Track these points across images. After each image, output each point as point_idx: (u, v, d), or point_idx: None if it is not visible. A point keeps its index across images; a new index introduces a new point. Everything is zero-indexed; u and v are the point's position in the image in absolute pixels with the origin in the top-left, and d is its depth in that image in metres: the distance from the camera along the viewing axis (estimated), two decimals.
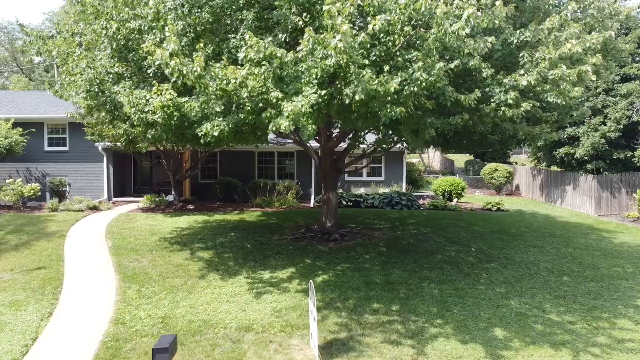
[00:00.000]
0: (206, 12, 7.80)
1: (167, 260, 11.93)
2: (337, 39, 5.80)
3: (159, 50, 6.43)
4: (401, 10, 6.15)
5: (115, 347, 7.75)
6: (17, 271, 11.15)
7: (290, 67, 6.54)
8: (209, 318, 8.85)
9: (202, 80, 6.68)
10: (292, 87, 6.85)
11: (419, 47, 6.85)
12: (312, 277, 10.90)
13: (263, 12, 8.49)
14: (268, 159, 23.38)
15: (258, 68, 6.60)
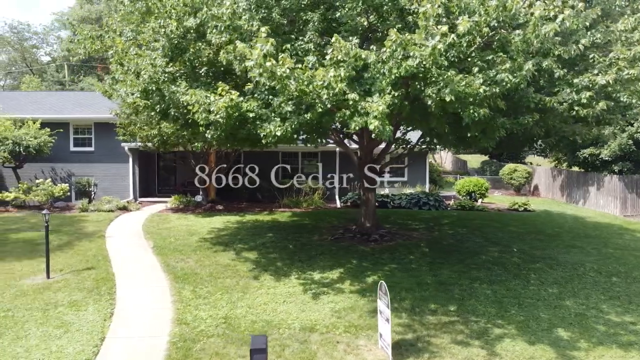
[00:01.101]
0: (276, 12, 7.80)
1: (213, 261, 11.93)
2: (436, 39, 5.79)
3: (255, 52, 6.41)
4: (488, 11, 6.14)
5: (184, 347, 7.73)
6: (67, 271, 11.15)
7: (373, 68, 6.54)
8: (270, 318, 8.84)
9: (285, 81, 6.67)
10: (372, 87, 6.84)
11: (497, 48, 6.84)
12: (361, 278, 10.90)
13: (327, 13, 8.48)
14: (292, 159, 23.39)
15: (341, 69, 6.59)
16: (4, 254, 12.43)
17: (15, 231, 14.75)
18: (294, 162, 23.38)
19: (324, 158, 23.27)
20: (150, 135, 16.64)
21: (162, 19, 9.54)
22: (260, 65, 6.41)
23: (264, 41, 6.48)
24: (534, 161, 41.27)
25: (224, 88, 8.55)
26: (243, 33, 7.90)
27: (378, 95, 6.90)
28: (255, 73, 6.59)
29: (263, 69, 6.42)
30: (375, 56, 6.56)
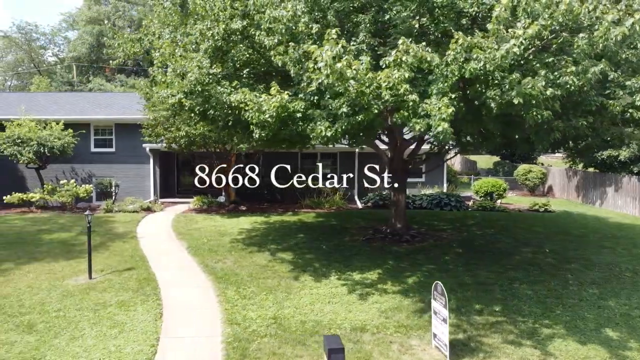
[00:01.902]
0: (331, 15, 7.87)
1: (250, 261, 12.00)
2: (511, 42, 5.86)
3: (325, 54, 6.48)
4: (553, 15, 6.20)
5: (240, 348, 7.79)
6: (108, 272, 11.23)
7: (437, 70, 6.61)
8: (319, 318, 8.90)
9: (348, 82, 6.74)
10: (427, 89, 6.91)
11: (555, 51, 6.91)
12: (401, 278, 10.97)
13: (376, 15, 8.55)
14: (311, 159, 23.45)
15: (404, 71, 6.66)
16: (41, 254, 12.51)
17: (46, 232, 14.83)
18: (312, 163, 23.44)
19: (342, 159, 23.36)
20: (177, 137, 16.71)
21: (208, 21, 9.61)
22: (330, 67, 6.47)
23: (334, 43, 6.55)
24: (545, 162, 41.34)
25: (276, 88, 8.64)
26: (297, 35, 7.97)
27: (436, 97, 6.97)
28: (323, 74, 6.64)
29: (332, 70, 6.48)
30: (439, 58, 6.63)
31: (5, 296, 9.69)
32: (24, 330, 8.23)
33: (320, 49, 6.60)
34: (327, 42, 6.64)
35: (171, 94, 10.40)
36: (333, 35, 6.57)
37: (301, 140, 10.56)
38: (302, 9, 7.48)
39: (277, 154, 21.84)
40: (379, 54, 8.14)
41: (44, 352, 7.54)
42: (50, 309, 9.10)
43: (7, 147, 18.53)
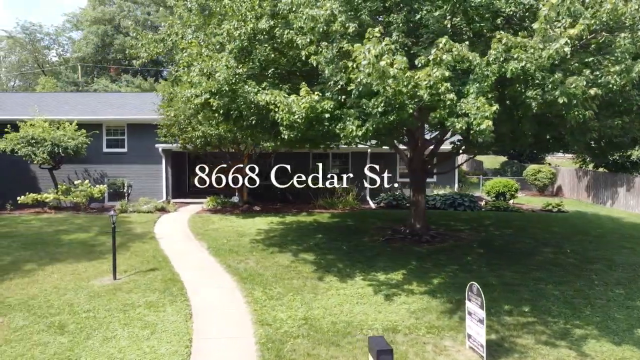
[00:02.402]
0: (365, 14, 7.85)
1: (272, 262, 11.97)
2: (562, 42, 5.83)
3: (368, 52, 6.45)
4: (596, 14, 6.18)
5: (274, 349, 7.76)
6: (131, 272, 11.20)
7: (479, 69, 6.58)
8: (350, 319, 8.87)
9: (387, 81, 6.71)
10: (470, 87, 6.89)
11: (594, 50, 6.89)
12: (426, 279, 10.94)
13: (408, 15, 8.52)
14: (322, 160, 23.41)
15: (443, 70, 6.64)
16: (63, 255, 12.48)
17: (65, 232, 14.80)
18: (324, 163, 23.40)
19: (354, 159, 23.33)
20: (193, 137, 16.68)
21: (235, 21, 9.59)
22: (372, 65, 6.43)
23: (376, 41, 6.52)
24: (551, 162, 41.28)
25: (306, 89, 8.62)
26: (331, 34, 7.95)
27: (474, 96, 6.95)
28: (363, 73, 6.61)
29: (375, 69, 6.44)
30: (479, 58, 6.60)
31: (33, 297, 9.67)
32: (56, 331, 8.21)
33: (362, 48, 6.56)
34: (367, 40, 6.61)
35: (195, 93, 10.37)
36: (376, 33, 6.54)
37: (328, 140, 10.53)
38: (337, 8, 7.44)
39: (290, 154, 21.80)
40: (412, 53, 8.11)
41: (78, 353, 7.52)
42: (79, 309, 9.08)
43: (22, 148, 18.50)
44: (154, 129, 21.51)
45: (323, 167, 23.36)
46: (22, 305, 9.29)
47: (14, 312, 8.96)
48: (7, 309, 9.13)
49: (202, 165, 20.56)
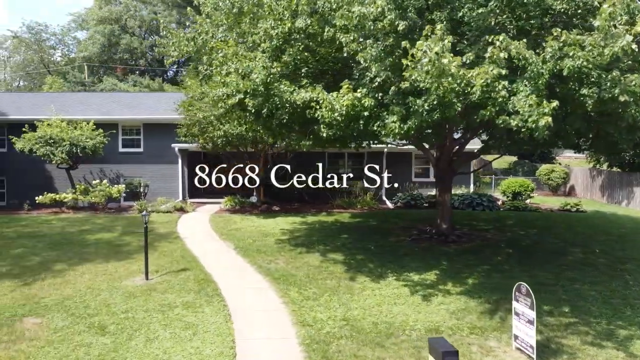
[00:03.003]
0: (411, 12, 7.78)
1: (303, 262, 11.90)
2: (628, 39, 5.76)
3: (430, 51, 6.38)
4: None
5: (320, 350, 7.68)
6: (163, 272, 11.13)
7: (534, 67, 6.52)
8: (390, 320, 8.80)
9: (443, 79, 6.64)
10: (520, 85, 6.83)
11: None
12: (460, 279, 10.86)
13: (451, 13, 8.46)
14: (338, 160, 23.36)
15: (498, 68, 6.57)
16: (91, 255, 12.42)
17: (88, 232, 14.74)
18: (340, 163, 23.35)
19: (370, 159, 23.24)
20: (214, 136, 16.61)
21: (271, 20, 9.53)
22: (433, 63, 6.37)
23: (437, 40, 6.45)
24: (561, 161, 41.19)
25: (347, 86, 8.57)
26: (376, 32, 7.88)
27: (524, 94, 6.89)
28: (421, 70, 6.53)
29: (435, 67, 6.37)
30: (535, 57, 6.53)
31: (68, 297, 9.61)
32: (97, 332, 8.15)
33: (422, 45, 6.49)
34: (424, 38, 6.53)
35: (227, 93, 10.30)
36: (438, 31, 6.47)
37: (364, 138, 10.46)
38: (386, 5, 7.37)
39: (306, 154, 21.61)
40: (457, 50, 8.04)
41: (122, 354, 7.45)
42: (117, 310, 9.01)
43: (40, 147, 18.45)
44: (170, 129, 21.50)
45: (339, 167, 23.33)
46: (58, 305, 9.22)
47: (52, 313, 8.89)
48: (44, 309, 9.07)
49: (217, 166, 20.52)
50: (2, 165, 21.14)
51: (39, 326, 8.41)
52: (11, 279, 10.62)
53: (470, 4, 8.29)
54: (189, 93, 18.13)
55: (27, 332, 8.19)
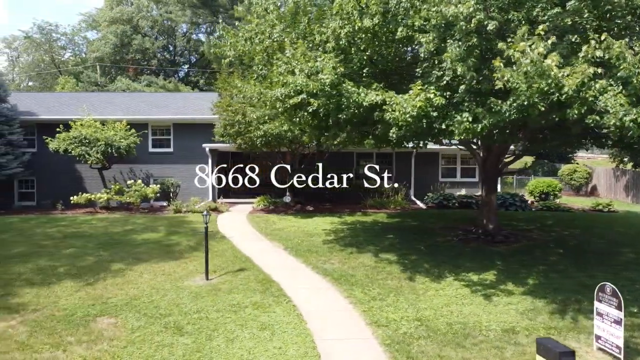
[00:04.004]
0: (494, 11, 7.78)
1: (357, 262, 11.90)
2: None
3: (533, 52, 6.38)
4: None
5: (403, 350, 7.67)
6: (221, 272, 11.14)
7: (629, 66, 6.52)
8: (463, 320, 8.78)
9: (540, 80, 6.63)
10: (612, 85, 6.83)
11: None
12: (519, 279, 10.84)
13: (528, 13, 8.44)
14: (366, 159, 23.34)
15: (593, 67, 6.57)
16: (143, 255, 12.43)
17: (133, 232, 14.75)
18: (368, 163, 23.31)
19: (398, 159, 23.24)
20: (254, 136, 16.60)
21: (339, 20, 9.53)
22: (535, 63, 6.36)
23: (538, 39, 6.44)
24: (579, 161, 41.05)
25: (420, 87, 8.58)
26: (459, 32, 7.88)
27: (612, 93, 6.89)
28: (518, 72, 6.53)
29: (537, 68, 6.37)
30: (632, 58, 6.53)
31: (135, 297, 9.62)
32: (175, 332, 8.15)
33: (524, 46, 6.48)
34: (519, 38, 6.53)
35: (285, 93, 10.28)
36: (540, 31, 6.46)
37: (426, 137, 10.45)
38: (475, 5, 7.36)
39: (335, 154, 21.63)
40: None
41: (207, 354, 7.45)
42: (188, 310, 9.01)
43: (75, 148, 18.46)
44: (200, 129, 21.56)
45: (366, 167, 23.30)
46: (128, 305, 9.23)
47: (124, 313, 8.90)
48: (115, 309, 9.07)
49: (252, 165, 20.53)
50: (32, 165, 21.15)
51: (114, 326, 8.41)
52: (72, 279, 10.63)
53: (544, 4, 8.29)
54: (227, 93, 18.13)
55: (105, 332, 8.20)
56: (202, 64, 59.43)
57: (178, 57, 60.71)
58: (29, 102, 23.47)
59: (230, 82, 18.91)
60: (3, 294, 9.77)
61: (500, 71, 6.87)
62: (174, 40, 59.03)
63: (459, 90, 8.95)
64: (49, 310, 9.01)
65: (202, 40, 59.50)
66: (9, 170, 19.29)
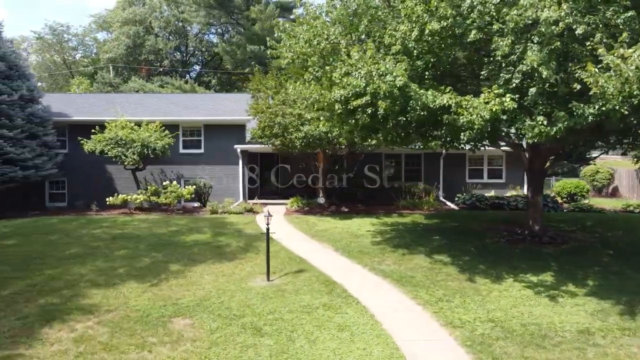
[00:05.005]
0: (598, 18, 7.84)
1: (413, 263, 11.95)
2: None
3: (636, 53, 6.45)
4: None
5: (486, 352, 7.71)
6: (280, 274, 11.20)
7: None
8: (535, 321, 8.81)
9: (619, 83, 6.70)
10: None
11: None
12: (578, 280, 10.88)
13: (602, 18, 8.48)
14: (395, 160, 23.43)
15: None
16: (198, 256, 12.49)
17: (179, 234, 14.80)
18: (397, 164, 23.43)
19: (427, 160, 23.31)
20: (294, 138, 16.65)
21: (407, 22, 9.59)
22: (616, 66, 6.42)
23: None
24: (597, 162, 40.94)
25: (497, 91, 8.63)
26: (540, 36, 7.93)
27: None
28: (616, 77, 6.58)
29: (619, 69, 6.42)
30: None
31: (204, 298, 9.67)
32: (254, 333, 8.20)
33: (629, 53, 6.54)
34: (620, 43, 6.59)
35: (345, 95, 10.34)
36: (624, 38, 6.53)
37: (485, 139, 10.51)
38: (565, 10, 7.41)
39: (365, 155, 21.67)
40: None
41: (293, 354, 7.51)
42: (260, 311, 9.07)
43: (111, 149, 18.54)
44: (230, 130, 21.71)
45: (396, 167, 23.42)
46: (199, 306, 9.29)
47: (197, 313, 8.96)
48: (187, 310, 9.13)
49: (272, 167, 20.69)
50: (64, 166, 21.24)
51: (191, 327, 8.47)
52: (135, 280, 10.70)
53: (616, 7, 8.34)
54: (264, 94, 18.20)
55: (184, 332, 8.26)
56: (214, 65, 59.59)
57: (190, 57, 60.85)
58: (58, 103, 23.55)
59: (265, 84, 19.01)
60: (72, 294, 9.84)
61: (594, 76, 6.92)
62: (185, 40, 59.18)
63: (528, 93, 9.02)
64: (122, 311, 9.07)
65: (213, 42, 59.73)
66: (44, 171, 19.38)
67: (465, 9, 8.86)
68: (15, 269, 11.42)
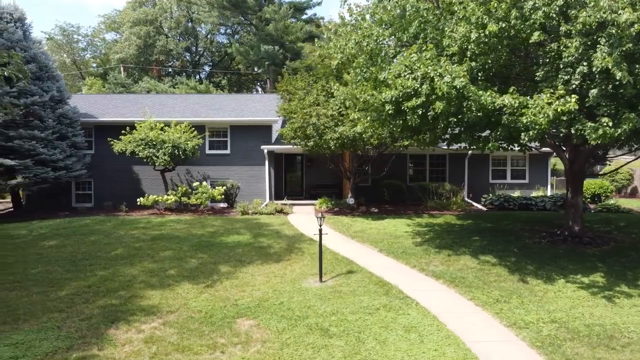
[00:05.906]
0: None
1: (459, 264, 11.97)
2: None
3: None
4: None
5: (558, 352, 7.73)
6: (331, 275, 11.22)
7: None
8: (598, 322, 8.83)
9: None
10: None
11: None
12: (629, 281, 10.89)
13: None
14: (420, 161, 23.44)
15: None
16: (244, 257, 12.52)
17: (217, 235, 14.82)
18: (421, 165, 23.44)
19: (452, 161, 23.32)
20: (328, 139, 16.64)
21: (465, 24, 9.60)
22: None
23: None
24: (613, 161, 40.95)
25: (563, 92, 8.65)
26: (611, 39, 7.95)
27: None
28: None
29: None
30: None
31: (262, 299, 9.70)
32: (322, 334, 8.22)
33: None
34: None
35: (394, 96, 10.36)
36: None
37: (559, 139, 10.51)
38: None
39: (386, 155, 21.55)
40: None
41: (366, 356, 7.52)
42: (322, 312, 9.09)
43: (142, 150, 18.57)
44: (256, 130, 21.79)
45: (419, 168, 23.43)
46: (259, 307, 9.31)
47: (260, 314, 8.98)
48: (249, 311, 9.16)
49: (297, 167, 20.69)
50: (91, 167, 21.27)
51: (257, 327, 8.50)
52: (188, 281, 10.73)
53: None
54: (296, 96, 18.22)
55: (251, 333, 8.27)
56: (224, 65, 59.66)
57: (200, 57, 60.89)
58: (83, 104, 23.60)
59: (295, 84, 19.03)
60: (130, 295, 9.87)
61: None
62: (196, 41, 59.21)
63: (589, 94, 9.04)
64: (184, 312, 9.10)
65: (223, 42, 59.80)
66: (74, 172, 19.42)
67: (527, 10, 8.88)
68: (66, 270, 11.46)
